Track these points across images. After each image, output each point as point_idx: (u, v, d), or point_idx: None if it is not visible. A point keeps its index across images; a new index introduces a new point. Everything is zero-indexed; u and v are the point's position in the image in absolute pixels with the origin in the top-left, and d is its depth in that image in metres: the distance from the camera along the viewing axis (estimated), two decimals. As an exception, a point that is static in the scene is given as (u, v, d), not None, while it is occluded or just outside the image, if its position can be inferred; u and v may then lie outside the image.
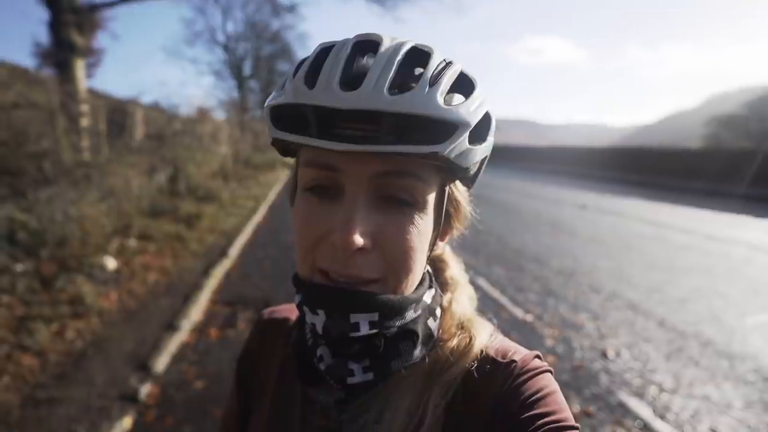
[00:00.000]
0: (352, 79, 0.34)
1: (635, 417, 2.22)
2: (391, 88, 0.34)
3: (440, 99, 0.34)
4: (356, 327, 0.38)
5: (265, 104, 0.40)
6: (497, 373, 0.41)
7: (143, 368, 2.57)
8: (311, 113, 0.34)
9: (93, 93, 7.86)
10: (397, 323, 0.40)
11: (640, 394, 2.42)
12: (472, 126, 0.36)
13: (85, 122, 5.84)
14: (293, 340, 0.49)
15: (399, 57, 0.35)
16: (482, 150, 0.39)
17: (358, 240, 0.35)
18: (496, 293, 3.95)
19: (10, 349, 2.55)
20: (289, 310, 0.59)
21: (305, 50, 32.57)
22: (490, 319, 0.48)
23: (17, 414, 2.10)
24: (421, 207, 0.38)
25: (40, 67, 7.42)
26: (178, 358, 2.79)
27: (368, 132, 0.34)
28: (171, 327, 3.09)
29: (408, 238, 0.38)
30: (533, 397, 0.39)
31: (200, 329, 3.22)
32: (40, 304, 3.09)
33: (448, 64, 0.37)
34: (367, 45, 0.37)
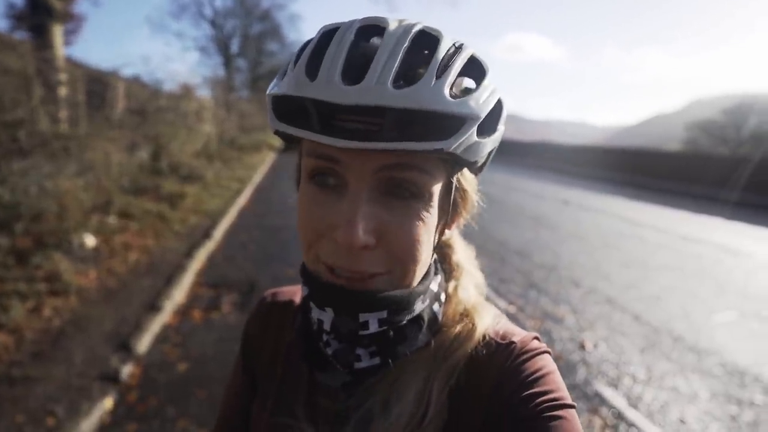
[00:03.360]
0: (355, 70, 0.33)
1: (610, 406, 2.32)
2: (396, 80, 0.32)
3: (447, 92, 0.33)
4: (365, 326, 0.38)
5: (267, 92, 0.39)
6: (497, 355, 0.42)
7: (124, 348, 2.52)
8: (312, 107, 0.33)
9: (71, 62, 7.48)
10: (407, 317, 0.41)
11: (615, 385, 2.53)
12: (481, 119, 0.34)
13: (63, 92, 5.57)
14: (298, 324, 0.49)
15: (406, 44, 0.33)
16: (491, 142, 0.37)
17: (362, 238, 0.34)
18: (480, 284, 4.02)
19: (-17, 326, 2.47)
20: (292, 293, 0.59)
21: (296, 32, 31.74)
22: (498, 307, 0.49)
23: (-8, 392, 2.04)
24: (426, 200, 0.37)
25: (13, 30, 6.99)
26: (160, 339, 2.75)
27: (371, 126, 0.32)
28: (153, 308, 3.04)
29: (414, 232, 0.37)
30: (531, 377, 0.39)
31: (183, 311, 3.18)
32: (14, 280, 2.98)
33: (458, 48, 0.36)
34: (373, 30, 0.35)
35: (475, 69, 0.36)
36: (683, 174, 14.35)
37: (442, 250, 0.52)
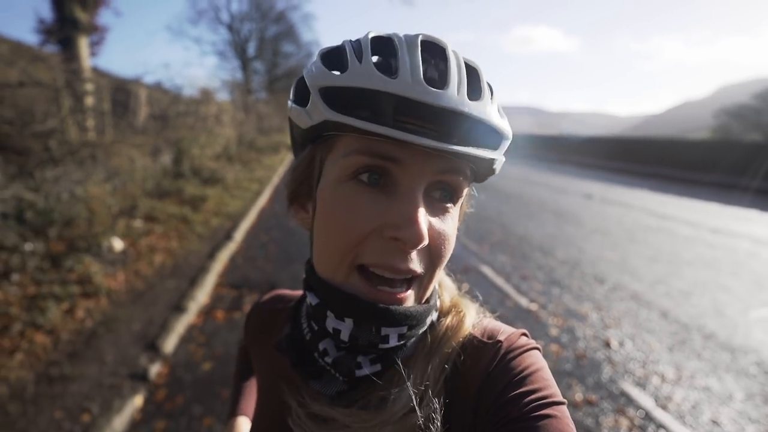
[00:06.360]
0: (430, 77, 0.36)
1: (637, 407, 2.25)
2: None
3: (497, 111, 0.39)
4: (386, 339, 0.39)
5: (315, 83, 0.37)
6: (483, 354, 0.42)
7: (152, 348, 2.61)
8: (388, 102, 0.34)
9: (96, 72, 7.78)
10: (419, 331, 0.42)
11: (642, 385, 2.45)
12: (511, 139, 0.40)
13: (89, 101, 5.79)
14: (287, 334, 0.49)
15: (464, 66, 0.38)
16: (502, 161, 0.43)
17: (427, 235, 0.36)
18: (500, 281, 3.96)
19: (23, 327, 2.60)
20: (289, 299, 0.60)
21: (310, 32, 32.02)
22: (483, 303, 0.50)
23: (32, 390, 2.15)
24: (457, 206, 0.41)
25: (43, 44, 7.31)
26: (186, 339, 2.83)
27: (428, 130, 0.35)
28: (178, 308, 3.13)
29: (450, 233, 0.40)
30: (520, 375, 0.39)
31: (207, 311, 3.26)
32: (50, 283, 3.12)
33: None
34: (431, 46, 0.38)
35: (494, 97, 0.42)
36: (713, 163, 13.73)
37: None
